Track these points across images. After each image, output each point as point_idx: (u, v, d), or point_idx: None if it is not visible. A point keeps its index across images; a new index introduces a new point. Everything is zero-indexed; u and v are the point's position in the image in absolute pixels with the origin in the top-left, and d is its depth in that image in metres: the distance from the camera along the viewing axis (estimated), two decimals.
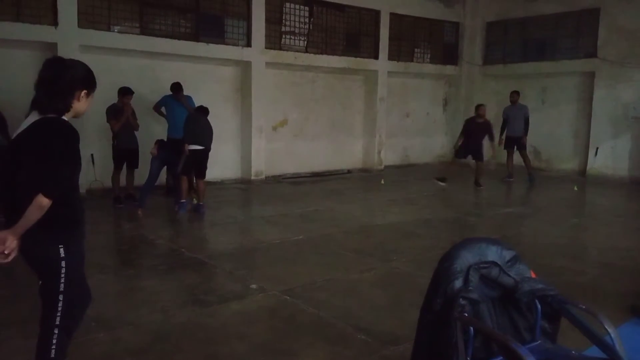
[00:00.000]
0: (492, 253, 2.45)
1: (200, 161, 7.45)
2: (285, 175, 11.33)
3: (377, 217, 7.92)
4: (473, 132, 10.26)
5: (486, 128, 10.33)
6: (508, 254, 2.47)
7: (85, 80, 2.58)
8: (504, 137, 11.23)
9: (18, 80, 7.97)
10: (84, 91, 2.57)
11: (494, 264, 2.41)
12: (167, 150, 7.49)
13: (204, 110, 7.65)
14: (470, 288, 2.23)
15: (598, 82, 11.82)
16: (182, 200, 7.50)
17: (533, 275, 2.49)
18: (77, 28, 8.28)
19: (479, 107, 10.42)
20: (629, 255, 5.83)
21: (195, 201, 7.71)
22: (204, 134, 7.43)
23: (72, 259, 2.54)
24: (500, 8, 13.49)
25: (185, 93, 8.62)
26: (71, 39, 8.18)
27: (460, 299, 2.18)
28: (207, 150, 7.50)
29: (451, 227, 7.23)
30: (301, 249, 5.86)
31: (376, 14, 12.20)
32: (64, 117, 2.53)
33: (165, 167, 7.93)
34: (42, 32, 8.02)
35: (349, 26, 11.89)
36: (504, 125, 11.19)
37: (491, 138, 10.35)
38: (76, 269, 2.61)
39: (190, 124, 7.45)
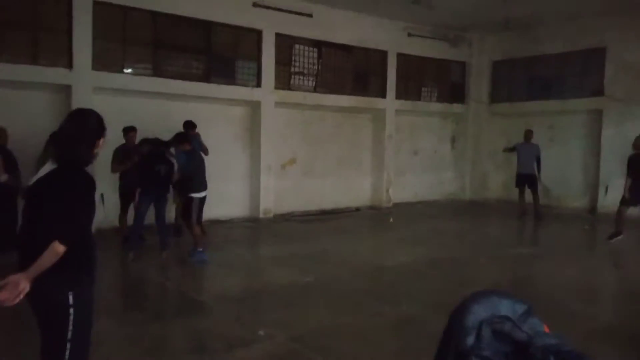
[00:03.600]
0: (504, 306, 2.39)
1: (203, 205, 7.23)
2: (293, 213, 11.32)
3: (387, 257, 7.84)
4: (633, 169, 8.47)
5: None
6: (520, 308, 2.41)
7: (101, 129, 2.69)
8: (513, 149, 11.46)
9: (33, 121, 8.16)
10: (102, 139, 2.68)
11: (507, 318, 2.36)
12: (155, 190, 7.14)
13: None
14: (482, 345, 2.18)
15: (606, 120, 11.83)
16: (201, 249, 6.98)
17: (546, 330, 2.44)
18: (92, 70, 8.48)
19: (638, 138, 8.61)
20: None
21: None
22: (204, 177, 7.17)
23: (81, 306, 2.53)
24: (506, 47, 13.66)
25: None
26: (85, 81, 8.37)
27: (473, 357, 2.13)
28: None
29: (462, 268, 7.14)
30: (310, 292, 5.80)
31: (383, 54, 12.41)
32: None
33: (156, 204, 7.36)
34: (57, 75, 8.21)
35: (357, 66, 12.09)
36: (513, 149, 11.45)
37: None
38: (85, 317, 2.59)
39: (196, 171, 7.06)
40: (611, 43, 11.65)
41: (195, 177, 7.02)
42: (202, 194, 7.09)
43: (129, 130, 8.02)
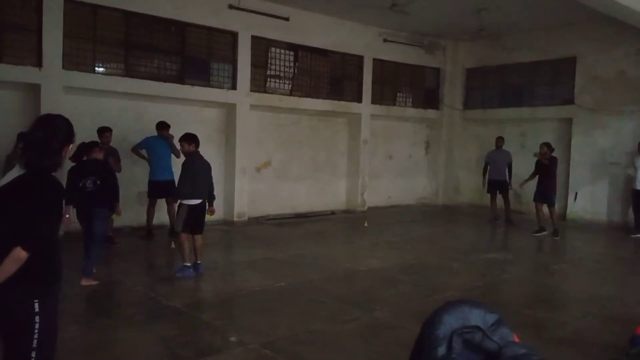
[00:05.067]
0: (475, 317, 2.42)
1: (198, 214, 6.54)
2: (268, 216, 11.26)
3: (360, 262, 7.85)
4: (540, 173, 10.17)
5: (548, 166, 9.99)
6: (491, 318, 2.45)
7: (70, 135, 2.66)
8: (486, 179, 11.54)
9: (0, 121, 7.93)
10: (70, 145, 2.66)
11: (477, 328, 2.38)
12: (84, 208, 6.17)
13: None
14: (453, 356, 2.19)
15: (575, 128, 12.11)
16: (187, 264, 6.43)
17: (516, 339, 2.47)
18: (62, 70, 8.26)
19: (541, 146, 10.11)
20: (609, 305, 5.83)
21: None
22: (204, 183, 6.52)
23: (46, 314, 2.48)
24: (480, 55, 13.88)
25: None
26: (55, 81, 8.16)
27: None
28: (207, 199, 6.62)
29: (434, 273, 7.19)
30: (283, 297, 5.76)
31: (359, 59, 12.46)
32: None
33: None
34: (25, 73, 7.98)
35: (333, 71, 12.10)
36: (486, 168, 11.56)
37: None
38: (50, 325, 2.54)
39: (188, 173, 6.41)
40: (581, 53, 11.94)
41: (184, 183, 6.40)
42: (191, 202, 6.40)
43: (104, 131, 7.86)
